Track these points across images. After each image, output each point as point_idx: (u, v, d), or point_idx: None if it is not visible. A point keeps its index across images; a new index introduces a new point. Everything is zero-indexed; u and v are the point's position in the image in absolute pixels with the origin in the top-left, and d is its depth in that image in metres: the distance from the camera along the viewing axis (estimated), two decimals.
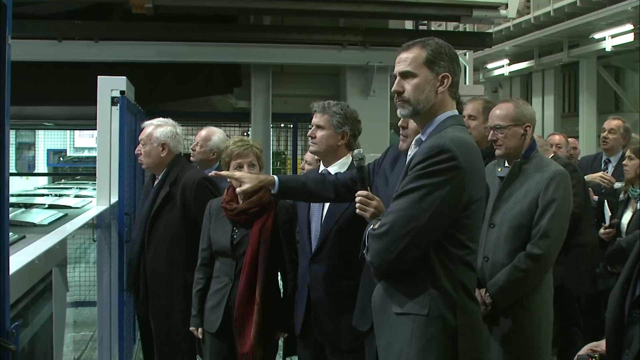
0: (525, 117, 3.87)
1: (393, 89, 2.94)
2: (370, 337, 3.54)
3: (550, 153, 5.73)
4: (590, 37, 16.25)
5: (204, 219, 4.26)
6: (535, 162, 3.82)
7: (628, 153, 5.38)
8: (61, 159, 21.40)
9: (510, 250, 3.71)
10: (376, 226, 2.78)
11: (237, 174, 3.73)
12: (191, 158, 5.47)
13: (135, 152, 4.81)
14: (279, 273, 4.21)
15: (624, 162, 5.41)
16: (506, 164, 3.91)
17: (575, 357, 2.71)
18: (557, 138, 7.02)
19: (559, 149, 6.68)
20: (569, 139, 7.41)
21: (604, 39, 15.63)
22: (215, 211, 4.20)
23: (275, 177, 3.63)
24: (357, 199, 3.08)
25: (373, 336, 3.41)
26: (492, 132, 3.91)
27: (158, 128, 4.73)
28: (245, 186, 3.61)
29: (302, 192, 3.68)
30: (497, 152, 3.90)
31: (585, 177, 5.85)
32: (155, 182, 4.76)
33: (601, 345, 2.64)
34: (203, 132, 5.52)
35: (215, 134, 5.48)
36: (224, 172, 3.85)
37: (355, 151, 3.29)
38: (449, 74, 2.84)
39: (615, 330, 2.48)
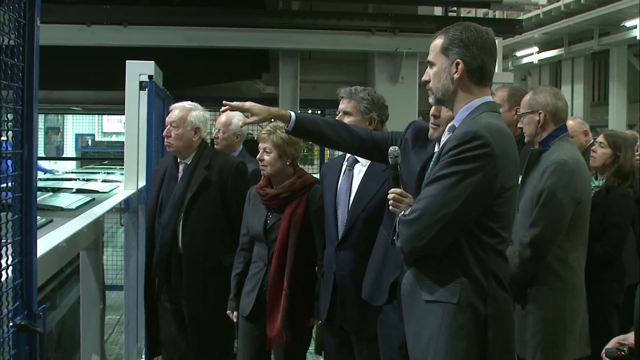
0: (539, 104, 3.80)
1: (422, 78, 2.95)
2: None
3: (583, 140, 5.60)
4: (622, 24, 16.11)
5: (245, 204, 4.28)
6: (550, 151, 3.77)
7: (600, 139, 4.89)
8: (89, 143, 21.52)
9: (521, 237, 3.72)
10: (407, 212, 2.75)
11: (247, 104, 3.53)
12: (215, 145, 5.40)
13: (164, 133, 4.70)
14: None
15: (592, 148, 4.98)
16: None
17: (603, 351, 2.67)
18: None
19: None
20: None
21: (635, 26, 15.47)
22: (253, 197, 4.22)
23: (292, 113, 3.47)
24: (390, 196, 3.05)
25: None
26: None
27: (192, 112, 4.65)
28: (253, 118, 3.48)
29: (318, 135, 3.55)
30: (526, 139, 3.91)
31: None
32: (182, 167, 4.69)
33: (629, 338, 2.60)
34: (223, 118, 5.39)
35: (234, 117, 5.42)
36: (233, 103, 3.58)
37: (391, 149, 3.20)
38: (460, 60, 2.79)
39: None
